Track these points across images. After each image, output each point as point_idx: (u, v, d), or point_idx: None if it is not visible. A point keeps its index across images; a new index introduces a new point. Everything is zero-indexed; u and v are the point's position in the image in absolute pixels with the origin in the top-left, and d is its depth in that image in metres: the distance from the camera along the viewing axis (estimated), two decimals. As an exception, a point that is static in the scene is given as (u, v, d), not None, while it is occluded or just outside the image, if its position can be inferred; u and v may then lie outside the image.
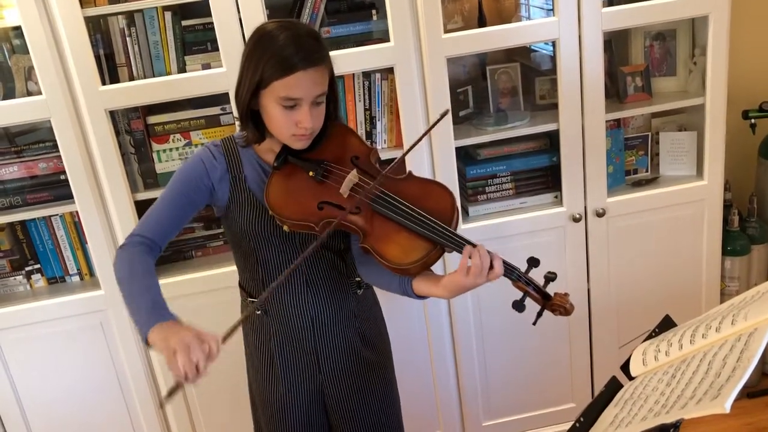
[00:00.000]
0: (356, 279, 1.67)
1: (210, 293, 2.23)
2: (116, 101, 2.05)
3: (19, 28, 1.96)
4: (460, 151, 2.30)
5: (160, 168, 2.20)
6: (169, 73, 2.10)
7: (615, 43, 2.41)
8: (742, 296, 1.22)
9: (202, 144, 2.18)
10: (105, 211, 2.15)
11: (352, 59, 2.09)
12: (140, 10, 2.03)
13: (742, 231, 2.60)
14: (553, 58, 2.27)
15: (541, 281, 1.46)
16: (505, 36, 2.14)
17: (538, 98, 2.45)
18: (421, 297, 1.51)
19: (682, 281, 2.48)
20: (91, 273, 2.33)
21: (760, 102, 2.51)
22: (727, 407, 0.88)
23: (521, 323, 1.48)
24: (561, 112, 2.22)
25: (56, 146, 2.08)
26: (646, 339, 1.32)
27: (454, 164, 2.22)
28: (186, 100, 2.15)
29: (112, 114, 2.09)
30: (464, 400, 2.53)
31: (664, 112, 2.46)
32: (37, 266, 2.31)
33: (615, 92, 2.39)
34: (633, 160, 2.47)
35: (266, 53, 1.40)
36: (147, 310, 1.37)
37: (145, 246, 1.50)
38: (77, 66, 1.99)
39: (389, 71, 2.18)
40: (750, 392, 2.69)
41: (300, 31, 1.43)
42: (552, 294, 1.46)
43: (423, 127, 2.17)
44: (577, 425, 1.15)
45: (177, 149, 2.20)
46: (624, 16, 2.15)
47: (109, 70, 2.10)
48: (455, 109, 2.29)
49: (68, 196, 2.14)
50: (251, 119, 1.50)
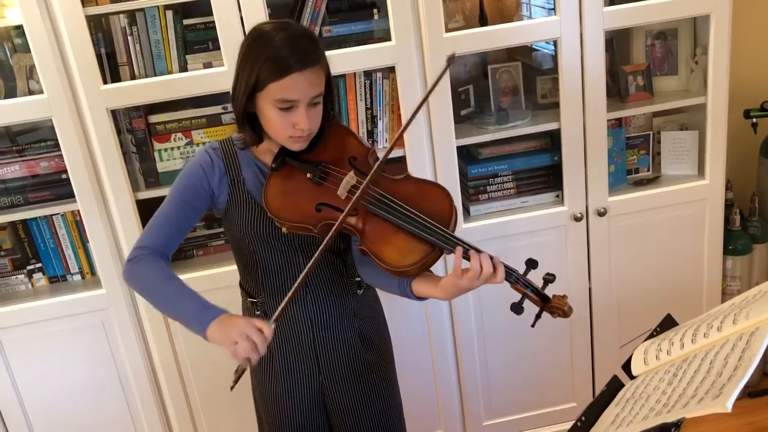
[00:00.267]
0: (356, 279, 1.67)
1: (211, 292, 2.19)
2: (118, 100, 2.05)
3: (21, 27, 1.97)
4: (462, 151, 2.30)
5: (162, 167, 2.20)
6: (171, 72, 2.10)
7: (616, 42, 2.41)
8: (744, 295, 1.22)
9: (204, 143, 2.20)
10: (106, 210, 2.15)
11: (354, 58, 2.09)
12: (141, 9, 2.03)
13: (744, 230, 2.60)
14: (555, 57, 2.27)
15: (540, 283, 1.45)
16: (507, 35, 2.14)
17: (540, 97, 2.44)
18: (421, 298, 1.51)
19: (684, 280, 2.48)
20: (93, 272, 2.33)
21: (762, 101, 2.51)
22: (729, 406, 0.88)
23: (522, 323, 1.47)
24: (562, 112, 2.22)
25: (58, 145, 2.09)
26: (648, 338, 1.32)
27: (456, 163, 2.22)
28: (187, 99, 2.15)
29: (114, 113, 2.09)
30: (465, 400, 2.53)
31: (666, 112, 2.46)
32: (39, 265, 2.31)
33: (616, 91, 2.39)
34: (634, 160, 2.47)
35: (261, 55, 1.39)
36: (196, 311, 1.46)
37: (154, 256, 1.55)
38: (79, 65, 1.99)
39: (390, 70, 2.18)
40: (751, 392, 2.69)
41: (295, 32, 1.42)
42: (551, 296, 1.46)
43: (424, 127, 2.17)
44: (579, 425, 1.15)
45: (178, 148, 2.20)
46: (625, 15, 2.15)
47: (111, 69, 2.10)
48: (456, 109, 2.29)
49: (69, 195, 2.14)
50: (248, 121, 1.49)
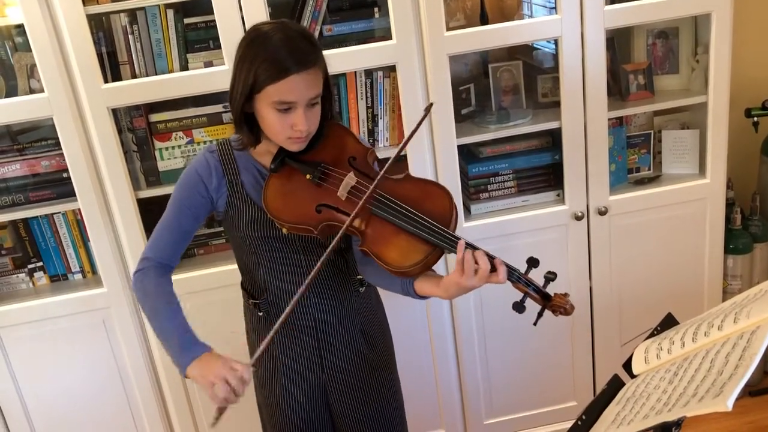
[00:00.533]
0: (358, 278, 1.67)
1: (212, 291, 2.23)
2: (118, 99, 2.05)
3: (22, 26, 1.97)
4: (463, 149, 2.30)
5: (163, 166, 2.20)
6: (172, 71, 2.10)
7: (617, 41, 2.41)
8: (745, 294, 1.22)
9: (205, 142, 2.20)
10: (107, 209, 2.15)
11: (354, 57, 2.09)
12: (142, 8, 2.03)
13: (745, 229, 2.60)
14: (556, 56, 2.27)
15: (541, 281, 1.45)
16: (508, 34, 2.14)
17: (541, 96, 2.44)
18: (423, 297, 1.51)
19: (685, 279, 2.48)
20: (94, 271, 2.33)
21: (763, 100, 2.50)
22: (730, 405, 0.88)
23: (523, 322, 1.47)
24: (563, 110, 2.22)
25: (58, 144, 2.09)
26: (649, 337, 1.32)
27: (456, 162, 2.22)
28: (188, 98, 2.14)
29: (115, 112, 2.09)
30: (466, 398, 2.53)
31: (667, 110, 2.45)
32: (40, 264, 2.32)
33: (617, 90, 2.38)
34: (635, 159, 2.47)
35: (258, 57, 1.38)
36: (179, 346, 1.47)
37: (159, 268, 1.57)
38: (79, 64, 1.99)
39: (391, 69, 2.17)
40: (752, 391, 2.69)
41: (292, 33, 1.41)
42: (552, 294, 1.45)
43: (425, 126, 2.17)
44: (579, 423, 1.15)
45: (179, 147, 2.20)
46: (626, 14, 2.15)
47: (112, 68, 2.10)
48: (457, 108, 2.29)
49: (70, 194, 2.14)
50: (246, 122, 1.48)
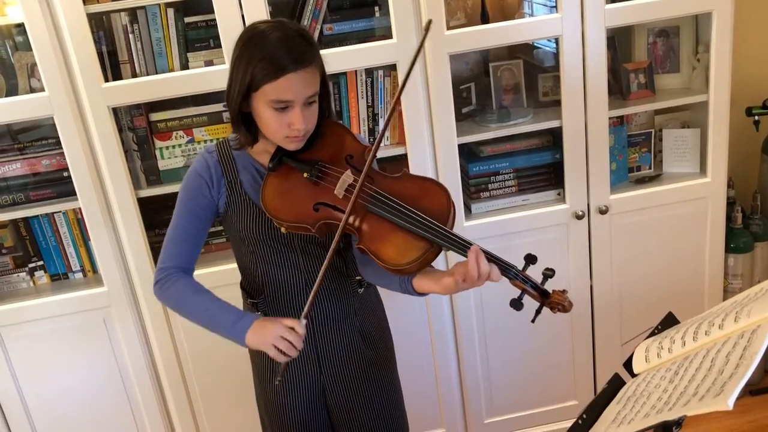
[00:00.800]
0: (357, 278, 1.67)
1: (212, 290, 2.23)
2: (119, 98, 2.05)
3: (22, 25, 1.97)
4: (463, 148, 2.29)
5: (163, 165, 2.20)
6: (172, 70, 2.10)
7: (618, 40, 2.40)
8: (745, 293, 1.22)
9: (205, 141, 2.20)
10: (108, 208, 2.15)
11: (355, 56, 2.09)
12: (143, 7, 2.03)
13: (746, 228, 2.60)
14: (556, 55, 2.27)
15: (540, 278, 1.45)
16: (508, 33, 2.13)
17: (541, 95, 2.44)
18: (422, 294, 1.51)
19: (685, 278, 2.48)
20: (94, 270, 2.33)
21: (764, 99, 2.50)
22: (730, 404, 0.88)
23: (523, 320, 1.47)
24: (564, 109, 2.22)
25: (59, 143, 2.09)
26: (649, 336, 1.32)
27: (457, 161, 2.22)
28: (188, 97, 2.14)
29: (115, 111, 2.09)
30: (466, 397, 2.53)
31: (668, 109, 2.45)
32: (40, 263, 2.32)
33: (618, 89, 2.38)
34: (636, 157, 2.46)
35: (255, 56, 1.38)
36: (231, 323, 1.52)
37: (177, 273, 1.59)
38: (80, 63, 1.99)
39: (392, 68, 2.17)
40: (752, 390, 2.69)
41: (289, 32, 1.41)
42: (550, 291, 1.45)
43: (425, 125, 2.17)
44: (580, 422, 1.15)
45: (180, 146, 2.20)
46: (627, 13, 2.15)
47: (112, 67, 2.10)
48: (458, 107, 2.29)
49: (71, 193, 2.15)
50: (243, 121, 1.49)
